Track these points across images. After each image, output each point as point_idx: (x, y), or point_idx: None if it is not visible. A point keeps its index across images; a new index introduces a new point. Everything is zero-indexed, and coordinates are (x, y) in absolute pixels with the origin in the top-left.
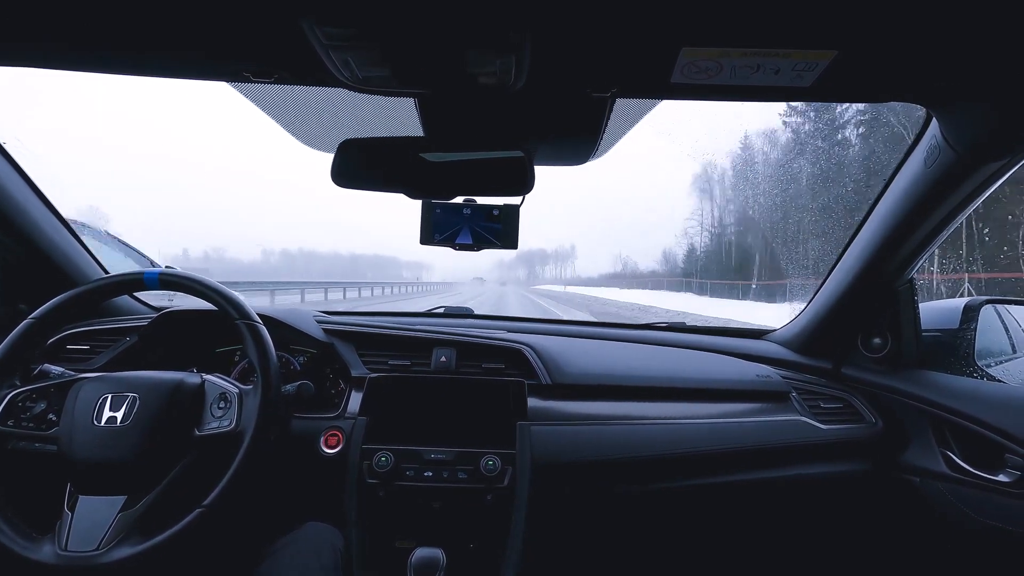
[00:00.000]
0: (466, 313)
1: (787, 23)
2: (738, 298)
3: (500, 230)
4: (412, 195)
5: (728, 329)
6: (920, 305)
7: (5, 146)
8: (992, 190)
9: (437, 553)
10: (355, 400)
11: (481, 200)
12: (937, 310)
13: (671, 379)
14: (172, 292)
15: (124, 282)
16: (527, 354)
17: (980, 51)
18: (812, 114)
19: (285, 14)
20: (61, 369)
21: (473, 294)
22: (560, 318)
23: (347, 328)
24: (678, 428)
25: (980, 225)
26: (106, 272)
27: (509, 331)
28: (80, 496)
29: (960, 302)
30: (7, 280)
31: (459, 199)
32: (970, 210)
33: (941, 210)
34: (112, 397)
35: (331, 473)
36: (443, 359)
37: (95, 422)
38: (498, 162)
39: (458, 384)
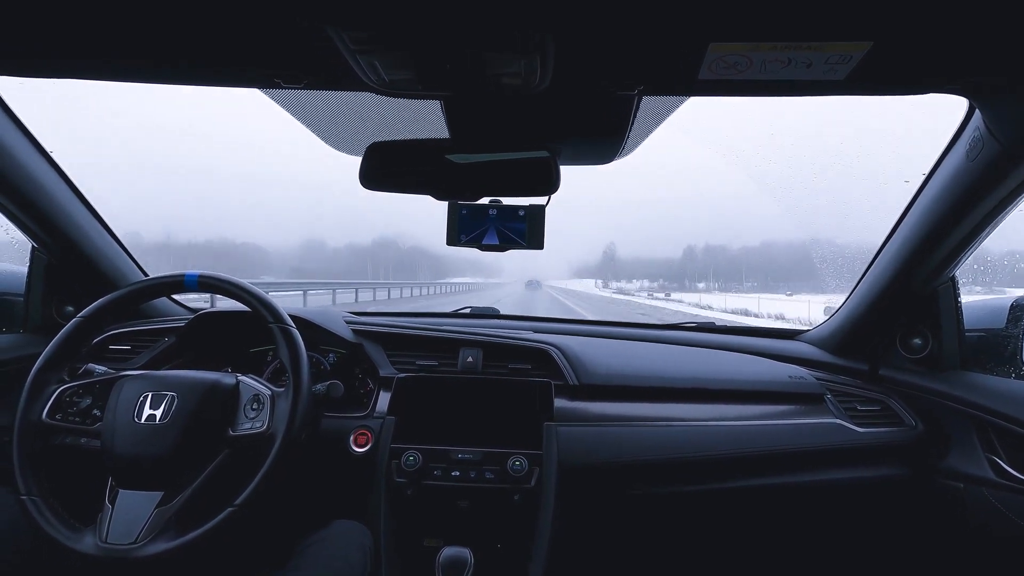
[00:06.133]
0: (492, 313)
1: (819, 14)
2: None
3: (526, 230)
4: (439, 197)
5: (759, 329)
6: (963, 303)
7: (52, 155)
8: None
9: (465, 552)
10: (383, 400)
11: (507, 201)
12: (981, 309)
13: (700, 380)
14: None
15: (165, 284)
16: (553, 355)
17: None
18: None
19: (313, 21)
20: (104, 368)
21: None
22: (586, 318)
23: (375, 329)
24: (708, 430)
25: None
26: (146, 275)
27: (535, 331)
28: (120, 490)
29: (1007, 300)
30: (53, 282)
31: (485, 200)
32: (1019, 204)
33: (985, 204)
34: (152, 396)
35: (360, 472)
36: (470, 359)
37: (136, 419)
38: (524, 163)
39: (485, 384)
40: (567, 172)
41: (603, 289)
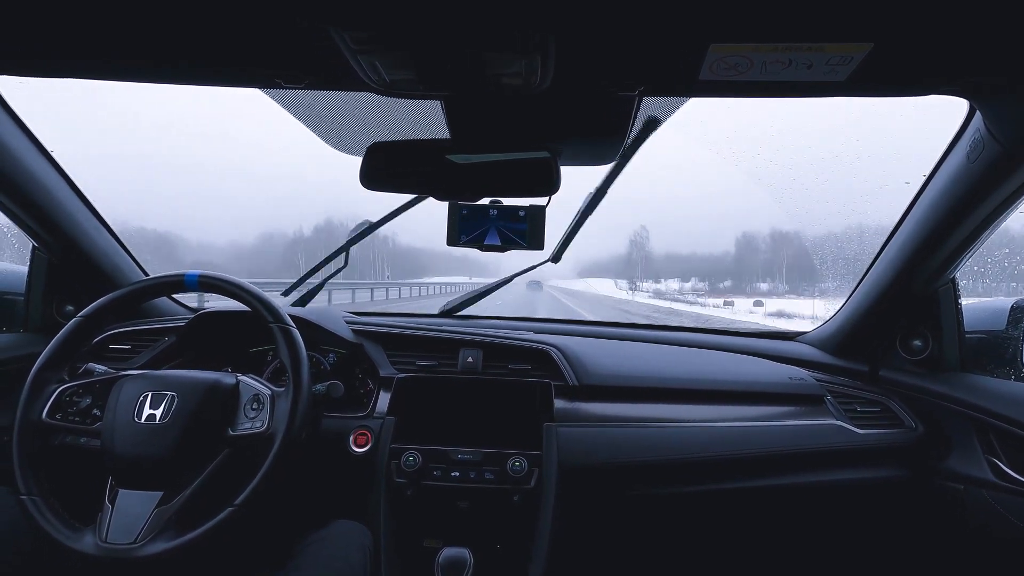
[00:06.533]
0: (492, 315)
1: (819, 15)
2: None
3: (526, 231)
4: (440, 197)
5: (759, 330)
6: (963, 305)
7: (53, 154)
8: None
9: (464, 553)
10: (383, 400)
11: (507, 201)
12: (981, 310)
13: (700, 381)
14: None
15: (166, 283)
16: (553, 355)
17: None
18: None
19: (314, 21)
20: (105, 368)
21: None
22: (587, 319)
23: (375, 329)
24: (708, 431)
25: None
26: (146, 274)
27: (535, 332)
28: (120, 490)
29: (1007, 302)
30: (54, 281)
31: (485, 200)
32: (1020, 206)
33: (986, 206)
34: (152, 395)
35: (360, 472)
36: (469, 360)
37: (136, 419)
38: (524, 163)
39: (485, 385)
40: (568, 173)
41: (632, 293)
